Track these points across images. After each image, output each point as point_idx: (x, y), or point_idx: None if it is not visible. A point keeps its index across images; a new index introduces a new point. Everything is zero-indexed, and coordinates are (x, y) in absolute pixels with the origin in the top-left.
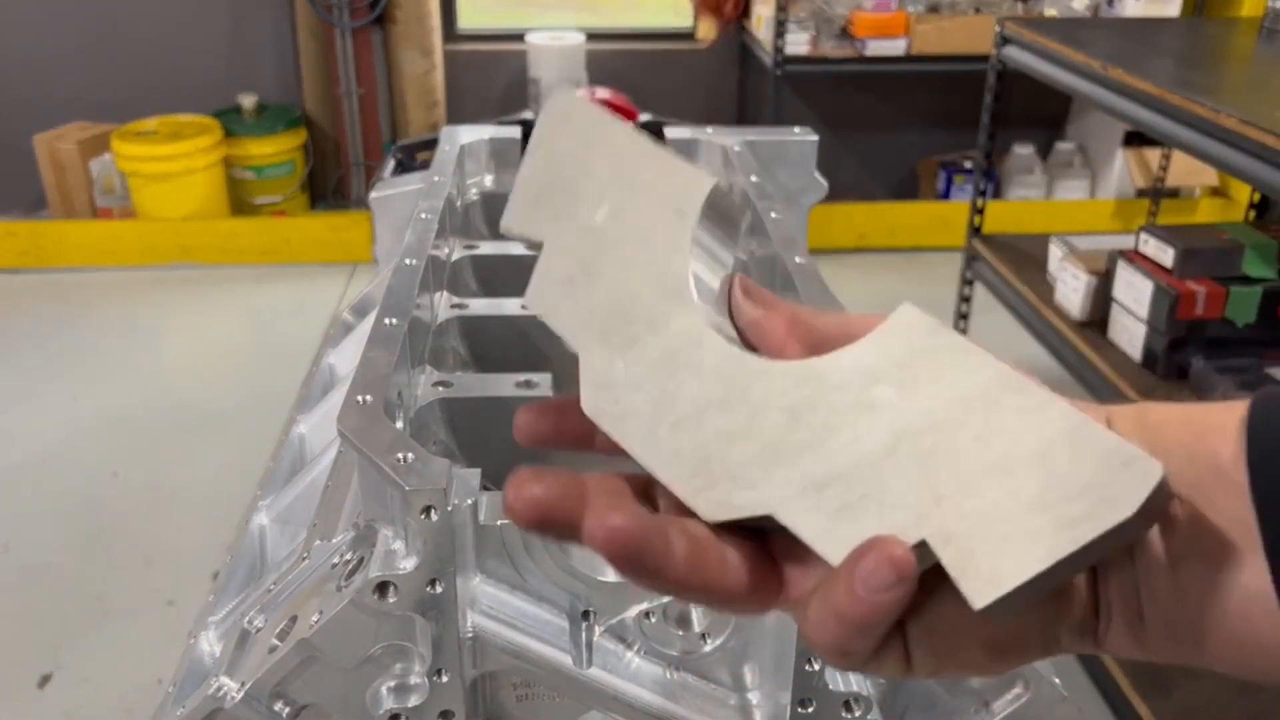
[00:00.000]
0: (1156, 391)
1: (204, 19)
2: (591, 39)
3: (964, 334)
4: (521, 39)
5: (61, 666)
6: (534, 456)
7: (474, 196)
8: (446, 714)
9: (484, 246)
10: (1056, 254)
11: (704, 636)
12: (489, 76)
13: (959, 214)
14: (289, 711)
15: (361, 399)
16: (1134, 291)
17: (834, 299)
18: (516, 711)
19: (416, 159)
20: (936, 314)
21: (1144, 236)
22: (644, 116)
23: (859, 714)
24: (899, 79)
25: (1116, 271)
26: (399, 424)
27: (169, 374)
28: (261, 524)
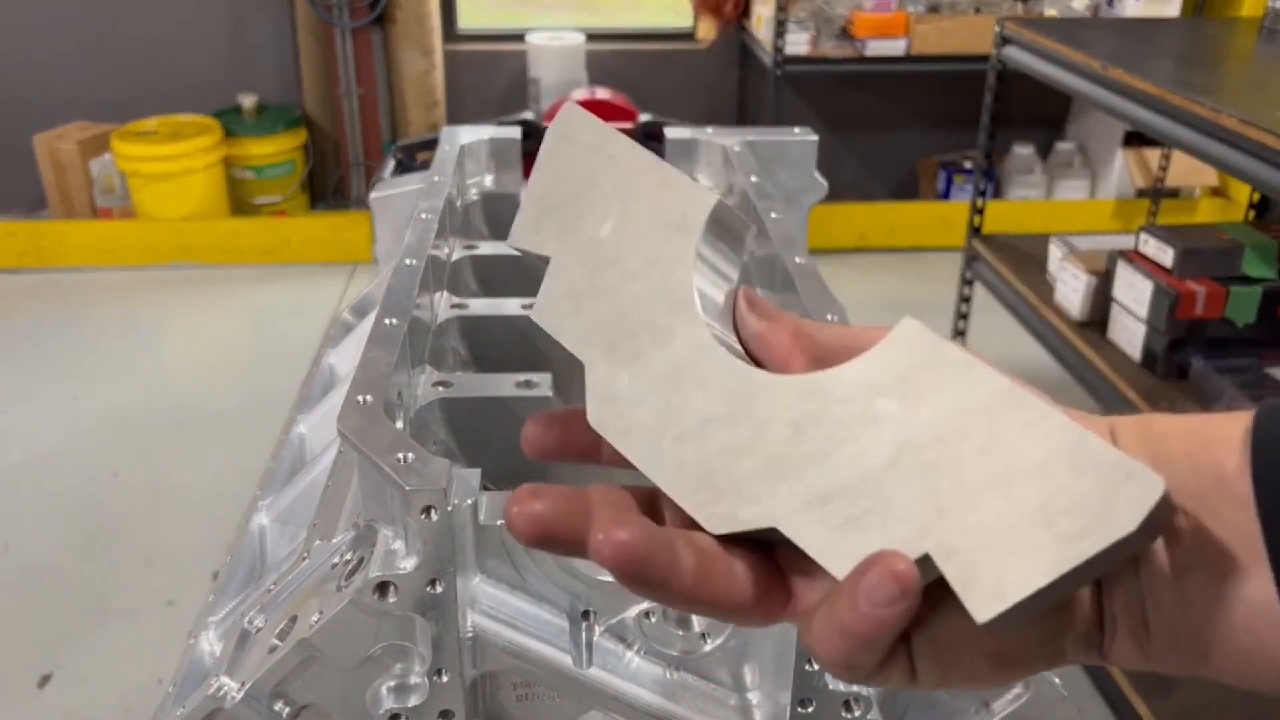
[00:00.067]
0: (1156, 391)
1: (204, 19)
2: (591, 39)
3: (964, 335)
4: (521, 39)
5: (61, 666)
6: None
7: (474, 196)
8: (446, 714)
9: (484, 246)
10: (1056, 254)
11: (704, 636)
12: (489, 76)
13: (959, 214)
14: (289, 711)
15: (361, 399)
16: (1134, 291)
17: (834, 299)
18: (516, 711)
19: (416, 159)
20: (936, 314)
21: (1144, 236)
22: (644, 116)
23: (859, 714)
24: (899, 79)
25: (1116, 271)
26: (399, 424)
27: (169, 374)
28: (261, 524)
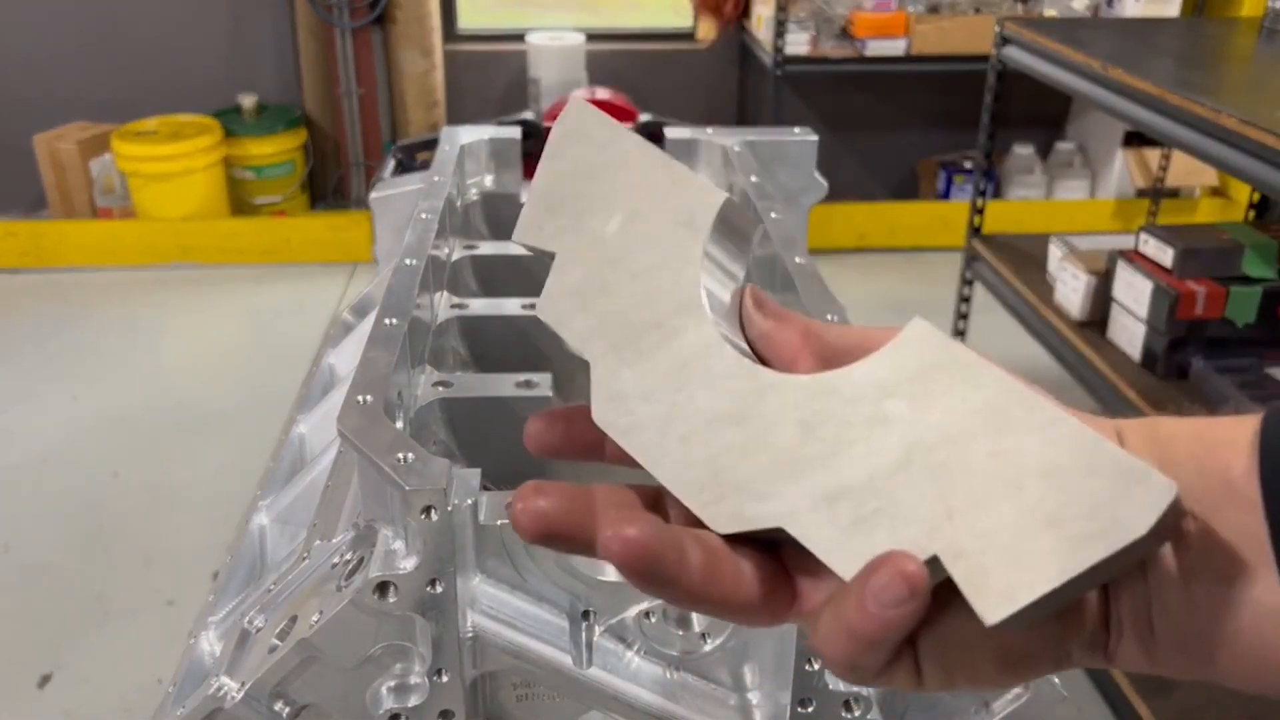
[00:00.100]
0: (1156, 392)
1: (204, 19)
2: (591, 39)
3: (964, 334)
4: (521, 39)
5: (61, 666)
6: (535, 458)
7: (474, 196)
8: (446, 714)
9: (484, 246)
10: (1056, 254)
11: (704, 636)
12: (489, 76)
13: (959, 214)
14: (289, 711)
15: (361, 399)
16: (1134, 291)
17: (834, 299)
18: (516, 711)
19: (416, 159)
20: (937, 314)
21: (1144, 236)
22: (644, 116)
23: (859, 714)
24: (899, 79)
25: (1116, 271)
26: (399, 424)
27: (169, 374)
28: (261, 524)
